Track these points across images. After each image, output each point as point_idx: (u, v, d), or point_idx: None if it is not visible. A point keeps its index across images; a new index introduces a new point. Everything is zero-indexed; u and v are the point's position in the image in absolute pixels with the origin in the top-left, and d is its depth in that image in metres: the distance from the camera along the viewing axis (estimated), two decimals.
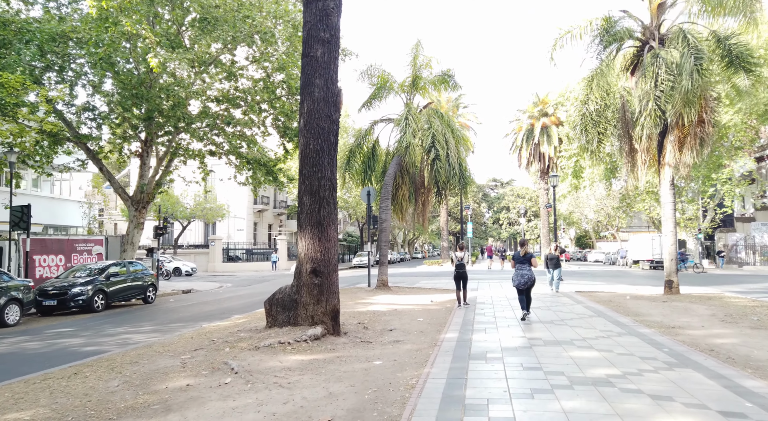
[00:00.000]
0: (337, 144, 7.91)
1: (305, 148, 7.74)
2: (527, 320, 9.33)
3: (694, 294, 14.27)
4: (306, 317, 7.79)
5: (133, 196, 18.40)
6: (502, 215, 71.56)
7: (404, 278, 24.89)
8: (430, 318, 10.18)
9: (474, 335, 7.96)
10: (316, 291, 7.76)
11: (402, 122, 17.40)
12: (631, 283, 20.35)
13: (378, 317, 10.34)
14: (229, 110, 18.35)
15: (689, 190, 36.08)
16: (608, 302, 12.68)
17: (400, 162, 17.61)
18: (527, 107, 43.90)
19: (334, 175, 7.87)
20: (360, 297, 14.49)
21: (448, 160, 17.45)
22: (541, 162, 43.02)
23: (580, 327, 8.60)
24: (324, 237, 7.78)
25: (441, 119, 18.51)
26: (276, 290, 8.33)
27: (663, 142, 14.41)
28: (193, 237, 43.48)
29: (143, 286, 15.78)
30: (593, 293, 14.89)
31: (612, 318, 9.65)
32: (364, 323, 9.38)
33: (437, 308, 11.97)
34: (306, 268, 7.80)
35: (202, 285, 24.35)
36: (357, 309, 11.57)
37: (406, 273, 31.16)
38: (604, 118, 14.80)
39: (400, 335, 8.13)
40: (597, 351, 6.53)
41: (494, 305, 12.21)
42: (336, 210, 7.98)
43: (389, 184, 17.36)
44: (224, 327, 9.36)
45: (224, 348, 6.92)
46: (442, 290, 17.14)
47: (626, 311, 10.88)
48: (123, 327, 10.86)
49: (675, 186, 14.62)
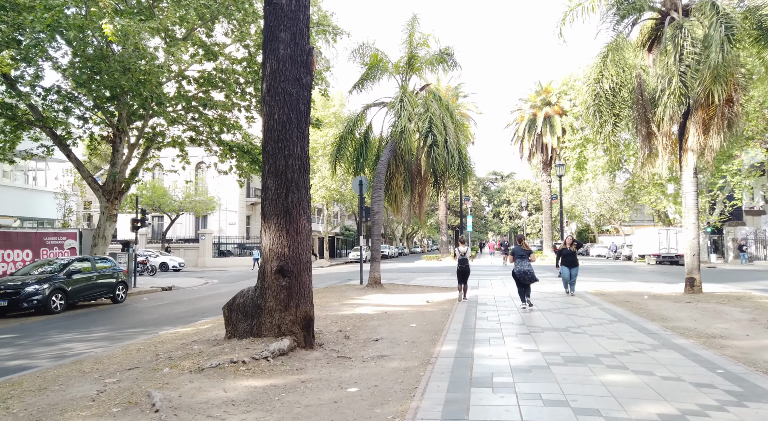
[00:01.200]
0: (309, 115, 6.47)
1: (269, 120, 6.30)
2: (527, 309, 9.98)
3: (717, 293, 12.88)
4: (271, 326, 6.38)
5: (104, 185, 16.95)
6: (502, 209, 70.10)
7: (400, 275, 23.50)
8: (425, 323, 8.79)
9: (476, 347, 6.56)
10: (284, 295, 6.35)
11: (396, 105, 15.92)
12: (642, 279, 18.98)
13: (364, 322, 8.94)
14: (208, 92, 16.86)
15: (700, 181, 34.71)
16: (625, 303, 11.29)
17: (394, 149, 16.16)
18: (529, 96, 42.31)
19: (305, 153, 6.43)
20: (348, 297, 13.09)
21: (446, 146, 16.00)
22: (543, 153, 41.50)
23: (603, 336, 7.20)
24: (293, 229, 6.35)
25: (439, 102, 17.03)
26: (237, 293, 6.92)
27: (685, 125, 12.96)
28: (184, 231, 42.05)
29: (111, 284, 14.36)
30: (607, 293, 13.50)
31: (637, 324, 8.25)
32: (347, 330, 7.98)
33: (433, 309, 10.57)
34: (271, 267, 6.38)
35: (186, 281, 22.96)
36: (342, 312, 10.17)
37: (403, 268, 29.79)
38: (620, 98, 13.33)
39: (386, 347, 6.73)
40: (634, 374, 5.13)
41: (498, 306, 10.82)
42: (308, 196, 6.56)
43: (382, 173, 15.92)
44: (181, 335, 7.95)
45: (163, 368, 5.51)
46: (440, 288, 15.75)
47: (650, 314, 9.48)
48: (71, 333, 9.45)
49: (697, 174, 13.19)
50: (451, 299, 12.55)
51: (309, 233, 6.59)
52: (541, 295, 12.82)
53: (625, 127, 14.47)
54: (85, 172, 16.63)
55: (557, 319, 8.88)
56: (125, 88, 12.20)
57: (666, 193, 35.76)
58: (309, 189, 6.59)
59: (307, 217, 6.52)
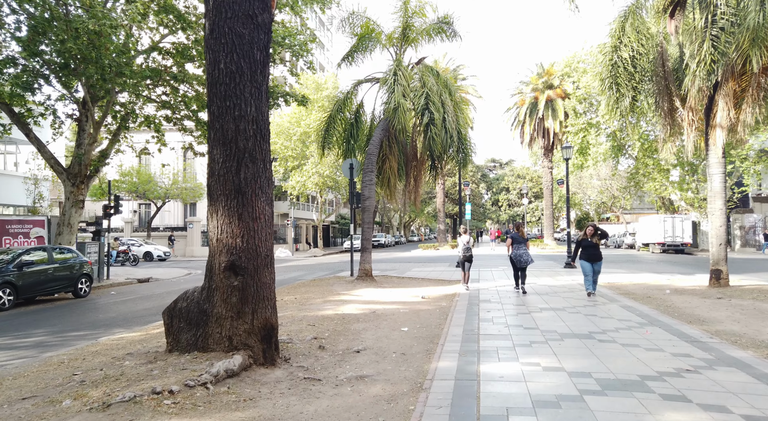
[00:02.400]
0: (268, 66, 4.99)
1: (213, 70, 4.82)
2: (521, 294, 10.67)
3: (746, 287, 11.55)
4: (221, 338, 4.98)
5: (69, 168, 15.43)
6: (501, 197, 68.70)
7: (395, 265, 22.15)
8: (419, 326, 7.41)
9: (482, 364, 5.18)
10: (236, 298, 4.94)
11: (389, 79, 14.37)
12: (652, 270, 17.67)
13: (347, 324, 7.55)
14: (183, 65, 15.26)
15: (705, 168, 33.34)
16: (647, 298, 9.94)
17: (387, 127, 14.65)
18: (531, 79, 40.62)
19: (263, 116, 4.96)
20: (334, 292, 11.70)
21: (444, 125, 14.48)
22: (545, 138, 39.97)
23: (638, 346, 5.82)
24: (247, 213, 4.91)
25: (437, 78, 15.47)
26: (180, 294, 5.50)
27: (713, 98, 11.49)
28: (172, 219, 40.53)
29: (72, 276, 12.93)
30: (621, 286, 12.16)
31: (672, 328, 6.88)
32: (323, 337, 6.59)
33: (429, 307, 9.19)
34: (219, 262, 4.96)
35: (167, 272, 21.55)
36: (323, 311, 8.77)
37: (399, 258, 28.45)
38: (640, 68, 11.84)
39: (369, 362, 5.35)
40: (703, 411, 3.75)
41: (503, 303, 9.44)
42: (268, 171, 5.11)
43: (373, 155, 14.44)
44: (123, 343, 6.55)
45: (65, 399, 4.11)
46: (437, 280, 14.38)
47: (681, 314, 8.13)
48: (2, 338, 8.03)
49: (725, 154, 11.76)
50: (449, 294, 11.18)
51: (270, 218, 5.15)
52: (551, 289, 11.47)
53: (644, 102, 12.98)
54: (47, 153, 15.08)
55: (576, 321, 7.50)
56: (74, 53, 10.62)
57: (670, 179, 34.49)
58: (269, 162, 5.14)
59: (267, 198, 5.08)
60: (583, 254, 10.24)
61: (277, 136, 36.67)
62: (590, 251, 10.17)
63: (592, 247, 10.20)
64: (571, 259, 10.57)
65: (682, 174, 34.12)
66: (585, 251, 10.22)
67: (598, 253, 10.21)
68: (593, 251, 10.17)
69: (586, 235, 10.37)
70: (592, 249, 10.19)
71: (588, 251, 10.18)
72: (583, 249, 10.29)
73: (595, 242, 10.21)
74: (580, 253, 10.33)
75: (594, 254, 10.13)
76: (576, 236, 47.69)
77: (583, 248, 10.29)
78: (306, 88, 37.45)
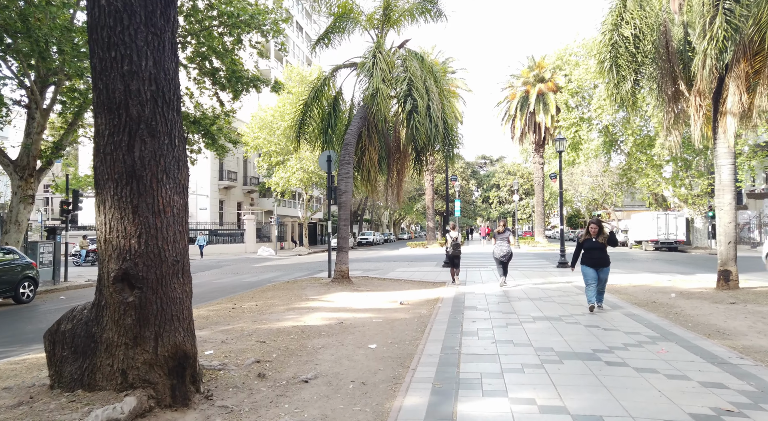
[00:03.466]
0: (174, 6, 3.73)
1: (93, 8, 3.56)
2: (505, 284, 11.66)
3: (758, 289, 10.51)
4: (111, 372, 3.74)
5: (16, 160, 14.01)
6: (491, 193, 67.76)
7: (378, 265, 20.96)
8: (391, 341, 6.21)
9: (461, 401, 3.98)
10: (131, 319, 3.69)
11: (368, 62, 13.12)
12: (650, 269, 16.67)
13: (305, 340, 6.32)
14: None
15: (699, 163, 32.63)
16: (653, 304, 8.84)
17: (365, 116, 13.41)
18: (522, 72, 39.55)
19: (168, 75, 3.71)
20: (304, 297, 10.46)
21: (428, 113, 13.27)
22: (536, 133, 38.96)
23: (656, 373, 4.66)
24: (146, 205, 3.67)
25: (421, 63, 14.25)
26: (66, 312, 4.24)
27: (723, 82, 10.40)
28: None
29: (12, 280, 11.55)
30: (621, 289, 11.06)
31: (691, 344, 5.75)
32: (269, 359, 5.36)
33: (406, 316, 8.00)
34: (108, 270, 3.71)
35: None
36: (282, 322, 7.54)
37: (384, 257, 27.27)
38: (642, 49, 10.72)
39: (315, 400, 4.13)
40: None
41: (490, 310, 8.27)
42: (180, 150, 3.86)
43: (351, 145, 13.20)
44: (9, 372, 5.24)
45: None
46: (420, 282, 13.19)
47: (696, 324, 7.01)
48: None
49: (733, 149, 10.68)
50: (431, 298, 10.00)
51: (181, 212, 3.91)
52: (543, 293, 10.33)
53: (643, 90, 11.87)
54: None
55: (576, 335, 6.34)
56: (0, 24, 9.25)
57: (663, 175, 33.74)
58: (181, 139, 3.89)
59: (176, 185, 3.83)
60: (585, 258, 8.17)
61: (261, 131, 35.29)
62: (594, 255, 8.08)
63: (596, 249, 8.10)
64: (571, 264, 8.52)
65: (675, 170, 33.39)
66: (588, 255, 8.16)
67: (605, 257, 8.11)
68: (598, 254, 8.08)
69: (590, 234, 8.19)
70: (596, 252, 8.08)
71: (591, 255, 8.10)
72: (585, 252, 8.21)
73: (601, 242, 8.08)
74: (581, 256, 8.26)
75: (599, 259, 8.06)
76: (575, 235, 45.71)
77: (586, 250, 8.21)
78: (291, 81, 36.08)
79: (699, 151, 32.29)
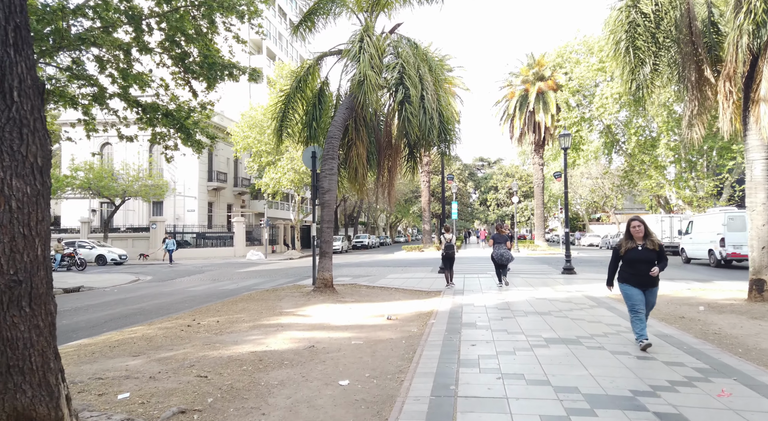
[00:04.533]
0: None
1: None
2: (503, 288, 11.54)
3: None
4: None
5: None
6: (489, 196, 66.52)
7: (370, 270, 19.62)
8: (369, 375, 4.88)
9: None
10: None
11: (355, 46, 11.82)
12: (662, 276, 15.34)
13: (259, 374, 4.98)
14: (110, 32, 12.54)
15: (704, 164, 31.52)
16: (682, 321, 7.54)
17: (352, 106, 12.10)
18: (521, 70, 38.36)
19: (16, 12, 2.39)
20: (277, 309, 9.11)
21: (422, 104, 11.97)
22: (535, 133, 37.74)
23: None
24: None
25: (415, 50, 12.97)
26: None
27: (755, 66, 9.14)
28: (136, 219, 37.53)
29: None
30: None
31: (756, 382, 4.43)
32: (200, 407, 4.01)
33: (393, 336, 6.66)
34: None
35: (110, 279, 18.73)
36: (237, 347, 6.18)
37: (378, 262, 25.92)
38: (663, 28, 9.46)
39: None
40: None
41: (493, 330, 6.93)
42: (27, 106, 2.51)
43: (336, 138, 11.88)
44: None
45: None
46: (413, 291, 11.86)
47: (747, 349, 5.71)
48: None
49: None
50: (424, 312, 8.68)
51: (28, 204, 2.57)
52: (553, 306, 8.99)
53: (664, 73, 10.58)
54: None
55: (604, 367, 5.01)
56: None
57: (667, 177, 32.60)
58: (32, 95, 2.56)
59: (14, 163, 2.50)
60: (627, 274, 5.64)
61: (250, 130, 34.02)
62: (640, 269, 5.52)
63: (643, 261, 5.51)
64: (607, 282, 6.11)
65: (679, 171, 32.29)
66: (630, 269, 5.61)
67: (656, 280, 5.64)
68: (646, 268, 5.49)
69: (633, 238, 5.62)
70: (643, 265, 5.50)
71: (637, 269, 5.54)
72: (626, 265, 5.68)
73: (650, 248, 5.54)
74: (621, 270, 5.76)
75: (647, 279, 5.55)
76: (610, 240, 42.69)
77: (627, 263, 5.65)
78: (282, 78, 34.81)
79: (703, 152, 31.27)
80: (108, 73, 12.94)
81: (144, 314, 9.87)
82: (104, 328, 8.26)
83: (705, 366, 4.96)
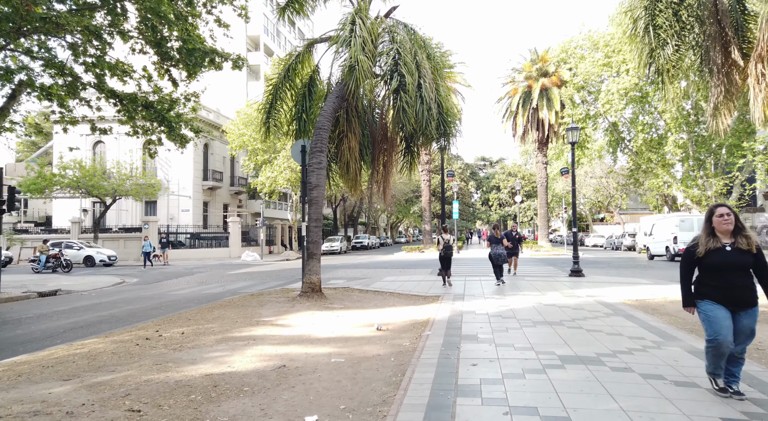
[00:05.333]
0: None
1: None
2: (501, 285, 12.17)
3: None
4: None
5: None
6: (491, 196, 65.48)
7: (367, 271, 18.67)
8: (344, 407, 3.91)
9: None
10: None
11: (346, 30, 10.86)
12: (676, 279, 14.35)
13: (208, 406, 4.01)
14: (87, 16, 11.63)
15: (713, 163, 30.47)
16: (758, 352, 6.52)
17: (342, 94, 11.14)
18: (524, 66, 37.36)
19: None
20: (255, 318, 8.14)
21: (419, 93, 10.99)
22: (539, 131, 36.71)
23: None
24: None
25: (412, 35, 12.00)
26: None
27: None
28: (129, 218, 36.63)
29: None
30: (658, 307, 8.78)
31: None
32: None
33: (381, 352, 5.69)
34: None
35: (93, 281, 17.80)
36: (194, 366, 5.20)
37: (375, 262, 24.96)
38: (687, 3, 8.49)
39: None
40: None
41: (497, 345, 5.95)
42: None
43: (325, 129, 10.92)
44: None
45: None
46: (408, 296, 10.88)
47: None
48: None
49: None
50: (419, 321, 7.70)
51: None
52: (563, 313, 8.00)
53: (685, 56, 9.59)
54: None
55: (636, 397, 4.02)
56: None
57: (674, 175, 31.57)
58: None
59: None
60: (709, 287, 3.90)
61: (246, 127, 33.05)
62: (731, 280, 3.81)
63: (733, 268, 3.82)
64: (683, 301, 4.05)
65: (686, 169, 31.25)
66: (715, 280, 3.87)
67: (750, 285, 3.82)
68: (740, 279, 3.81)
69: (719, 235, 3.88)
70: (734, 276, 3.81)
71: (725, 280, 3.82)
72: (707, 273, 3.94)
73: (745, 249, 3.78)
74: (698, 282, 4.01)
75: (742, 289, 3.79)
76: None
77: (709, 270, 3.91)
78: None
79: (712, 150, 30.29)
80: (82, 61, 12.04)
81: (110, 322, 8.92)
82: (58, 339, 7.31)
83: (764, 397, 3.97)
